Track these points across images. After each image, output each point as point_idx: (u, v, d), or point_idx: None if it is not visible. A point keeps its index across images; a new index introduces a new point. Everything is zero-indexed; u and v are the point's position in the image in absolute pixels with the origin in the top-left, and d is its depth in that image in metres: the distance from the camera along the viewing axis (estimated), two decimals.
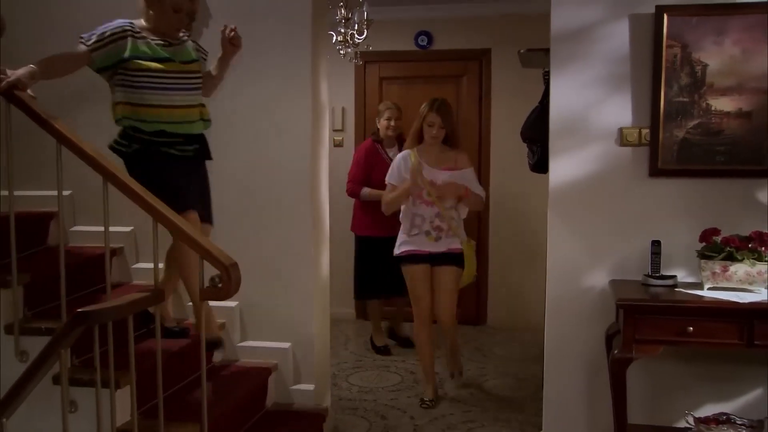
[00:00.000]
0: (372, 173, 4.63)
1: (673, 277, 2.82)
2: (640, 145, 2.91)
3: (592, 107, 2.94)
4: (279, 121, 3.24)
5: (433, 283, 3.79)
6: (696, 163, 2.85)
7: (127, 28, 2.67)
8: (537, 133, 3.44)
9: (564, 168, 2.99)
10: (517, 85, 5.15)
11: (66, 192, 2.59)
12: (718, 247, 2.68)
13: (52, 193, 2.64)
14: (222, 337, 3.06)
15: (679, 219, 2.89)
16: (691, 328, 2.54)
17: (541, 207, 3.39)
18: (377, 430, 3.55)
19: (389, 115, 4.70)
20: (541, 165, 3.45)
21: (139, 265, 3.38)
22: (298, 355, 3.31)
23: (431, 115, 3.69)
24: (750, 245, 2.65)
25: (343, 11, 4.55)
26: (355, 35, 4.67)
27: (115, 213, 2.47)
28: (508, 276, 5.56)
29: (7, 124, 2.44)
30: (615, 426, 2.71)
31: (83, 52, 2.62)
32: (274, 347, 3.30)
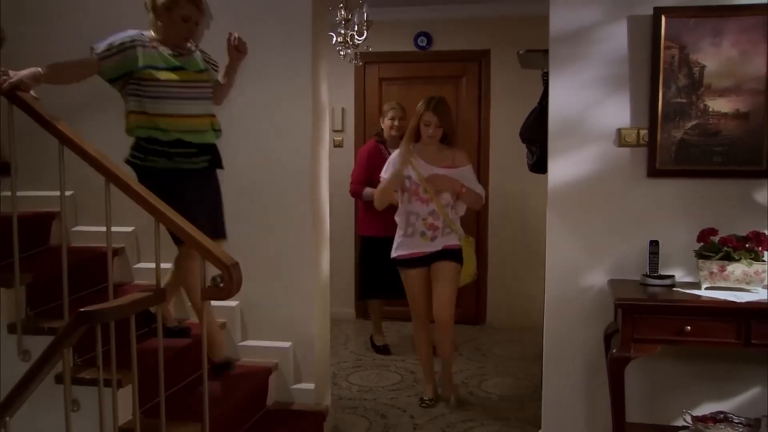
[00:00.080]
0: (375, 174, 4.62)
1: (671, 276, 2.84)
2: (638, 146, 2.92)
3: (591, 108, 2.96)
4: (279, 121, 3.25)
5: (431, 280, 3.70)
6: (694, 163, 2.86)
7: (138, 38, 2.67)
8: (536, 133, 3.45)
9: (563, 168, 3.00)
10: (517, 86, 5.16)
11: (68, 192, 2.60)
12: (716, 247, 2.69)
13: (54, 193, 2.65)
14: (231, 358, 3.04)
15: (677, 219, 2.90)
16: (689, 328, 2.56)
17: (540, 207, 3.40)
18: (377, 429, 3.56)
19: (393, 115, 4.70)
20: (540, 165, 3.46)
21: (141, 265, 3.39)
22: (299, 355, 3.33)
23: (427, 114, 3.61)
24: (747, 245, 2.67)
25: (343, 12, 4.56)
26: (355, 36, 4.69)
27: (117, 213, 2.47)
28: (508, 276, 5.58)
29: (10, 125, 2.45)
30: (613, 424, 2.72)
31: (92, 60, 2.62)
32: (274, 347, 3.31)
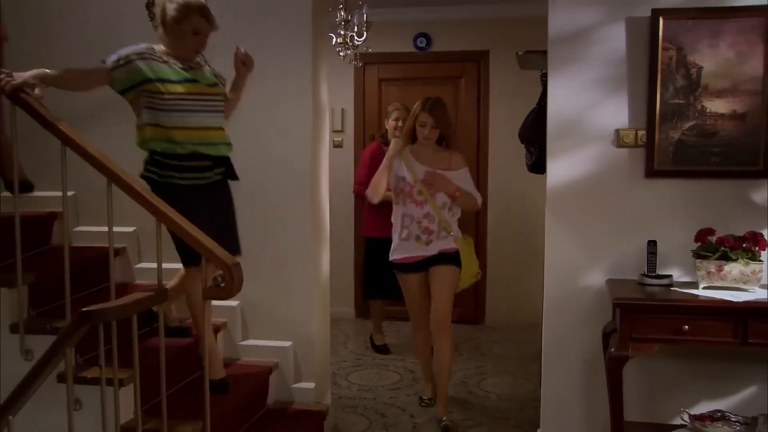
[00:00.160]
0: None
1: (669, 276, 2.85)
2: (636, 147, 2.93)
3: (589, 109, 2.97)
4: (279, 121, 3.26)
5: (429, 284, 3.59)
6: (691, 164, 2.88)
7: (147, 51, 2.66)
8: (535, 134, 3.47)
9: (561, 169, 3.01)
10: (515, 87, 5.18)
11: (69, 193, 2.60)
12: (713, 247, 2.71)
13: (55, 193, 2.67)
14: (227, 378, 2.92)
15: (674, 219, 2.92)
16: (687, 327, 2.57)
17: (538, 207, 3.42)
18: (377, 428, 3.58)
19: (398, 115, 4.68)
20: (538, 166, 3.47)
21: (142, 264, 3.41)
22: (299, 354, 3.34)
23: (423, 115, 3.50)
24: (744, 245, 2.68)
25: (342, 13, 4.58)
26: (355, 37, 4.71)
27: (118, 213, 2.48)
28: (507, 275, 5.60)
29: (12, 126, 2.47)
30: (611, 423, 2.73)
31: (103, 69, 2.62)
32: (274, 346, 3.33)
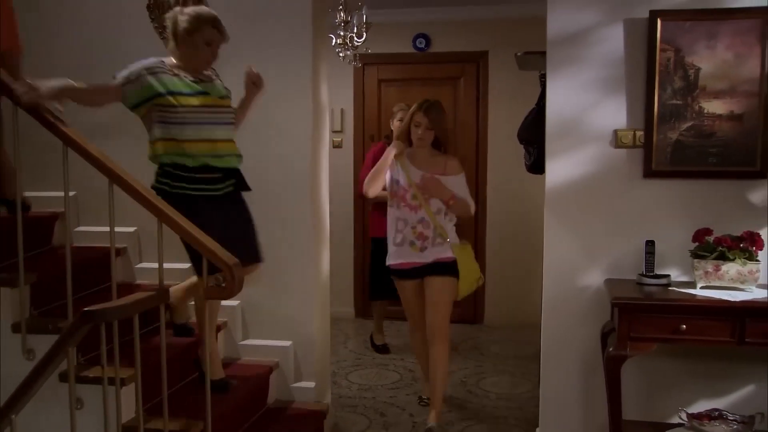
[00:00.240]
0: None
1: (667, 276, 2.86)
2: (634, 147, 2.95)
3: (588, 109, 2.99)
4: (279, 121, 3.27)
5: (425, 294, 3.44)
6: (689, 164, 2.89)
7: (157, 65, 2.66)
8: (533, 134, 3.48)
9: (560, 169, 3.03)
10: (514, 87, 5.19)
11: (70, 193, 2.62)
12: (711, 247, 2.72)
13: (55, 194, 2.68)
14: (228, 379, 2.95)
15: (672, 219, 2.93)
16: (685, 326, 2.59)
17: (537, 207, 3.43)
18: (376, 427, 3.59)
19: (402, 116, 4.63)
20: (537, 166, 3.48)
21: (143, 264, 3.43)
22: (299, 354, 3.36)
23: (419, 115, 3.40)
24: (741, 245, 2.70)
25: (342, 14, 4.59)
26: (354, 38, 4.72)
27: (119, 213, 2.49)
28: (506, 275, 5.61)
29: (14, 126, 2.48)
30: (610, 422, 2.74)
31: (115, 85, 2.62)
32: (275, 346, 3.34)
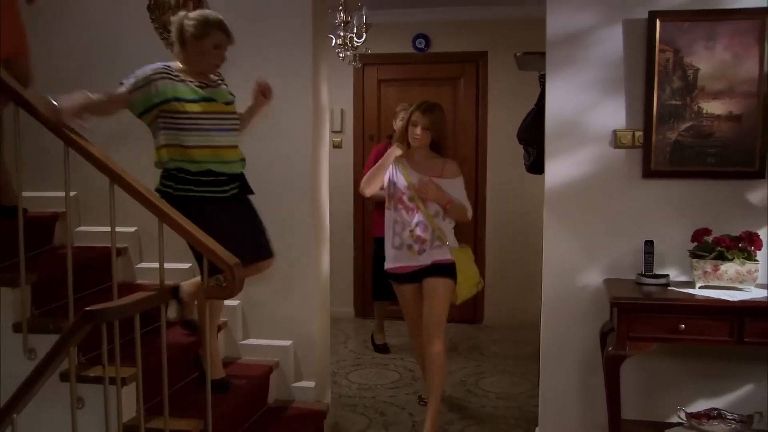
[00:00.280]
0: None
1: (666, 276, 2.87)
2: (633, 147, 2.95)
3: (587, 110, 2.99)
4: (279, 121, 3.27)
5: (423, 296, 3.38)
6: (688, 164, 2.90)
7: (164, 70, 2.66)
8: (533, 135, 3.49)
9: (559, 169, 3.04)
10: (514, 88, 5.20)
11: (71, 193, 2.62)
12: (710, 247, 2.73)
13: (56, 194, 2.69)
14: (228, 378, 2.97)
15: (671, 219, 2.94)
16: (683, 326, 2.60)
17: (536, 207, 3.44)
18: (376, 427, 3.60)
19: (405, 115, 4.70)
20: (537, 166, 3.50)
21: (143, 264, 3.43)
22: (299, 353, 3.37)
23: (416, 114, 3.35)
24: (740, 245, 2.71)
25: (342, 15, 4.60)
26: (354, 38, 4.73)
27: (119, 213, 2.49)
28: (505, 275, 5.62)
29: (15, 126, 2.49)
30: (609, 421, 2.75)
31: (122, 93, 2.61)
32: (275, 345, 3.35)
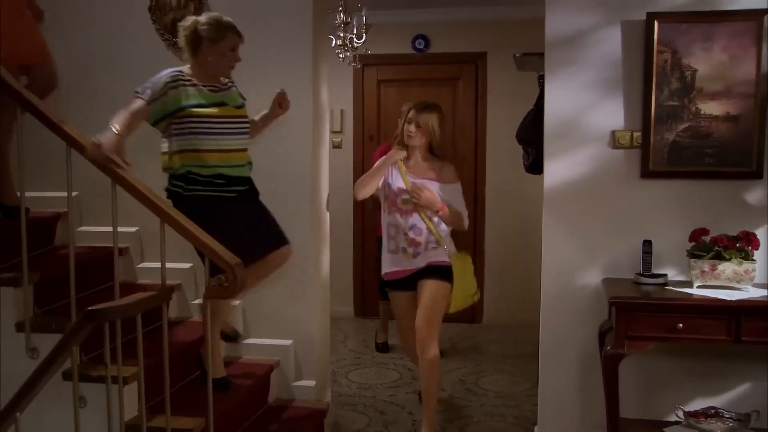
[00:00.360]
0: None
1: (664, 275, 2.89)
2: (631, 148, 2.97)
3: (586, 110, 3.01)
4: (279, 121, 3.26)
5: (417, 301, 3.30)
6: (686, 165, 2.91)
7: (179, 77, 2.66)
8: (532, 135, 3.50)
9: (558, 169, 3.05)
10: (513, 88, 5.21)
11: (73, 193, 2.63)
12: (707, 247, 2.75)
13: (57, 194, 2.69)
14: (229, 378, 2.99)
15: (669, 219, 2.95)
16: (681, 325, 2.61)
17: (536, 208, 3.45)
18: (376, 426, 3.62)
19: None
20: (536, 166, 3.51)
21: (144, 264, 3.45)
22: (299, 353, 3.38)
23: (412, 113, 3.30)
24: (738, 245, 2.72)
25: (342, 16, 4.62)
26: (354, 39, 4.74)
27: (121, 213, 2.51)
28: (504, 275, 5.64)
29: (18, 127, 2.50)
30: (607, 420, 2.77)
31: (142, 107, 2.60)
32: (275, 344, 3.36)
